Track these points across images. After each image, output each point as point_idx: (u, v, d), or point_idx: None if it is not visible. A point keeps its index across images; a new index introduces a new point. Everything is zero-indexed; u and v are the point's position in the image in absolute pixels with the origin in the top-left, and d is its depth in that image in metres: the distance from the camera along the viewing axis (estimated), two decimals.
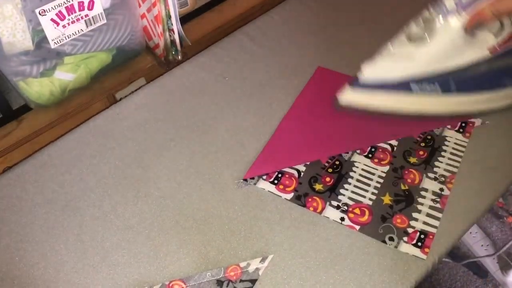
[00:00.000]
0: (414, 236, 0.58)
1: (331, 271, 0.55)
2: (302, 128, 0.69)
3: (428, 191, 0.62)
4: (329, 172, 0.64)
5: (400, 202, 0.61)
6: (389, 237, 0.58)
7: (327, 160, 0.65)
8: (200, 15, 0.86)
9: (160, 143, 0.69)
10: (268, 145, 0.67)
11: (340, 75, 0.76)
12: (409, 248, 0.57)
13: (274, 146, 0.67)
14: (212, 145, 0.68)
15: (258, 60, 0.79)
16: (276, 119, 0.71)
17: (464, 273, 1.25)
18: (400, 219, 0.59)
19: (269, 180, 0.64)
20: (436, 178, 0.63)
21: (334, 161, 0.65)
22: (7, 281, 0.56)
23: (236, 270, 0.55)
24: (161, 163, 0.66)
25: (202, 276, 0.55)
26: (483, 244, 1.25)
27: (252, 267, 0.56)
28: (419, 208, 0.60)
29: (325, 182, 0.63)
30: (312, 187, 0.63)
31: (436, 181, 0.62)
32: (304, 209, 0.61)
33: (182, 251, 0.58)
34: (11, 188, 0.65)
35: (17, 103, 0.72)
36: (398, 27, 0.83)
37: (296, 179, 0.64)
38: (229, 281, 0.55)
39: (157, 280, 0.56)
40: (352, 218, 0.60)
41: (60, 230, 0.60)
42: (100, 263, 0.57)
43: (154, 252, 0.58)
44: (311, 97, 0.73)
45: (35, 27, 0.61)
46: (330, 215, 0.60)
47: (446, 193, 0.61)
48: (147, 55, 0.79)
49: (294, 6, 0.88)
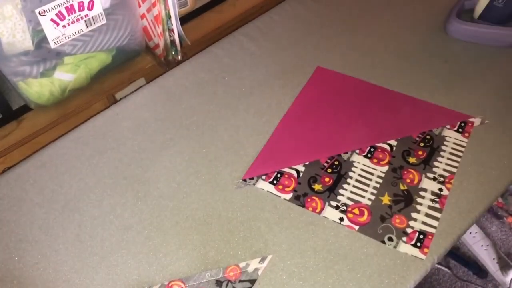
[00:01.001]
0: (413, 236, 0.58)
1: (330, 271, 0.55)
2: (301, 128, 0.69)
3: (427, 191, 0.62)
4: (328, 172, 0.64)
5: (399, 202, 0.61)
6: (388, 237, 0.58)
7: (326, 160, 0.65)
8: (200, 15, 0.86)
9: (160, 143, 0.69)
10: (267, 145, 0.67)
11: (340, 75, 0.76)
12: (408, 248, 0.57)
13: (273, 146, 0.67)
14: (211, 145, 0.68)
15: (257, 60, 0.79)
16: (276, 119, 0.71)
17: (464, 273, 1.25)
18: (399, 219, 0.59)
19: (268, 180, 0.64)
20: (435, 178, 0.63)
21: (333, 161, 0.65)
22: (7, 281, 0.56)
23: (235, 270, 0.55)
24: (160, 163, 0.67)
25: (202, 276, 0.55)
26: (483, 244, 1.25)
27: (251, 267, 0.56)
28: (418, 208, 0.60)
29: (324, 182, 0.63)
30: (311, 187, 0.63)
31: (435, 181, 0.62)
32: (303, 209, 0.61)
33: (182, 251, 0.58)
34: (11, 188, 0.65)
35: (17, 103, 0.72)
36: (398, 27, 0.83)
37: (295, 179, 0.64)
38: (228, 281, 0.55)
39: (157, 280, 0.56)
40: (351, 218, 0.60)
41: (59, 230, 0.61)
42: (100, 263, 0.57)
43: (154, 252, 0.58)
44: (311, 97, 0.73)
45: (35, 27, 0.61)
46: (329, 215, 0.60)
47: (445, 193, 0.61)
48: (147, 55, 0.79)
49: (294, 6, 0.88)
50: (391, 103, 0.71)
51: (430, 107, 0.70)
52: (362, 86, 0.74)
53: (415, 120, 0.69)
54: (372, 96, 0.73)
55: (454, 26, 0.78)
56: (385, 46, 0.80)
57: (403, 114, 0.70)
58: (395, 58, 0.78)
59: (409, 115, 0.69)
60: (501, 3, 0.75)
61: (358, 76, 0.75)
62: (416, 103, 0.71)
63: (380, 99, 0.72)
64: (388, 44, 0.80)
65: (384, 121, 0.69)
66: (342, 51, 0.80)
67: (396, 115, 0.70)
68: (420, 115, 0.69)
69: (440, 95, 0.71)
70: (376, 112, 0.70)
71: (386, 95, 0.72)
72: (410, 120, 0.69)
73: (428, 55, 0.77)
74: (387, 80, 0.74)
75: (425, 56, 0.77)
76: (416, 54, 0.78)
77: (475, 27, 0.77)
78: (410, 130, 0.68)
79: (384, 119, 0.69)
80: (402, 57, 0.78)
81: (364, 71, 0.76)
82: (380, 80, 0.74)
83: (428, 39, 0.80)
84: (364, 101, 0.72)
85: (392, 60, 0.77)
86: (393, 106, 0.71)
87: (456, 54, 0.77)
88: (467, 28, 0.77)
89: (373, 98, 0.72)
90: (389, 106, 0.71)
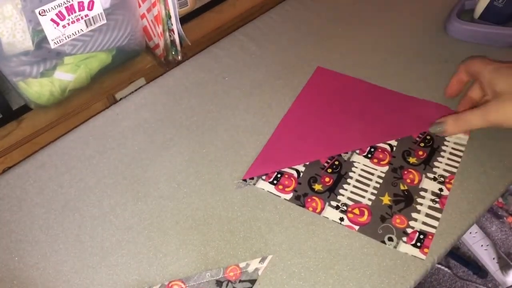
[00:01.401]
0: (413, 236, 0.58)
1: (330, 271, 0.55)
2: (301, 128, 0.69)
3: (427, 191, 0.62)
4: (329, 172, 0.64)
5: (400, 202, 0.61)
6: (388, 237, 0.58)
7: (326, 160, 0.65)
8: (200, 15, 0.86)
9: (160, 143, 0.69)
10: (267, 145, 0.67)
11: (340, 75, 0.76)
12: (408, 249, 0.57)
13: (273, 146, 0.67)
14: (211, 145, 0.68)
15: (257, 60, 0.79)
16: (276, 119, 0.71)
17: (464, 273, 1.25)
18: (399, 219, 0.59)
19: (268, 180, 0.64)
20: (436, 178, 0.63)
21: (334, 161, 0.65)
22: (6, 281, 0.56)
23: (236, 270, 0.55)
24: (160, 163, 0.67)
25: (202, 276, 0.55)
26: (483, 244, 1.25)
27: (252, 267, 0.56)
28: (418, 209, 0.60)
29: (325, 182, 0.63)
30: (311, 187, 0.63)
31: (436, 181, 0.62)
32: (304, 209, 0.61)
33: (182, 251, 0.58)
34: (11, 188, 0.65)
35: (17, 103, 0.72)
36: (398, 27, 0.83)
37: (296, 179, 0.64)
38: (229, 282, 0.55)
39: (157, 281, 0.56)
40: (352, 218, 0.60)
41: (59, 230, 0.61)
42: (100, 263, 0.57)
43: (154, 253, 0.58)
44: (311, 97, 0.73)
45: (35, 27, 0.61)
46: (330, 215, 0.60)
47: (446, 193, 0.61)
48: (147, 55, 0.79)
49: (294, 6, 0.88)
50: (391, 103, 0.71)
51: (431, 107, 0.70)
52: (362, 86, 0.74)
53: (415, 120, 0.68)
54: (372, 96, 0.73)
55: (454, 26, 0.78)
56: (385, 46, 0.80)
57: (404, 114, 0.70)
58: (395, 58, 0.78)
59: (409, 115, 0.69)
60: (501, 3, 0.75)
61: (358, 76, 0.75)
62: (416, 103, 0.71)
63: (380, 99, 0.72)
64: (388, 44, 0.80)
65: (384, 121, 0.69)
66: (342, 51, 0.80)
67: (397, 115, 0.70)
68: (420, 115, 0.69)
69: (440, 95, 0.71)
70: (376, 112, 0.70)
71: (386, 95, 0.72)
72: (410, 120, 0.69)
73: (428, 55, 0.77)
74: (387, 80, 0.74)
75: (425, 56, 0.77)
76: (416, 54, 0.78)
77: (475, 27, 0.77)
78: (410, 130, 0.68)
79: (384, 119, 0.69)
80: (402, 57, 0.78)
81: (364, 71, 0.76)
82: (380, 80, 0.74)
83: (428, 39, 0.80)
84: (365, 101, 0.72)
85: (392, 60, 0.77)
86: (393, 106, 0.71)
87: (456, 54, 0.77)
88: (467, 28, 0.77)
89: (374, 98, 0.72)
90: (389, 106, 0.71)
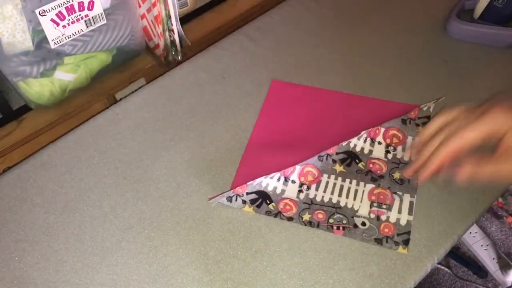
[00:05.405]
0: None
1: (330, 271, 0.55)
2: (270, 142, 0.68)
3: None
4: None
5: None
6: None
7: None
8: (200, 15, 0.86)
9: (160, 143, 0.69)
10: (241, 164, 0.65)
11: (297, 86, 0.75)
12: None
13: (248, 163, 0.65)
14: (211, 145, 0.68)
15: (257, 60, 0.79)
16: None
17: (464, 273, 1.25)
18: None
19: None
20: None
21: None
22: (7, 281, 0.56)
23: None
24: (160, 163, 0.67)
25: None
26: (483, 244, 1.25)
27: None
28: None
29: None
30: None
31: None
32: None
33: (182, 251, 0.58)
34: (11, 188, 0.65)
35: (17, 103, 0.72)
36: (398, 27, 0.83)
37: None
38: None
39: (157, 281, 0.56)
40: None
41: (59, 230, 0.61)
42: (100, 263, 0.57)
43: (154, 253, 0.58)
44: (271, 112, 0.72)
45: (35, 27, 0.61)
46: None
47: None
48: (147, 56, 0.79)
49: (294, 6, 0.88)
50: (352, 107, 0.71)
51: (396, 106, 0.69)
52: (321, 94, 0.73)
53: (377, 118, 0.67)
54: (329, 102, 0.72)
55: (454, 26, 0.78)
56: (385, 46, 0.80)
57: (366, 114, 0.69)
58: (395, 58, 0.78)
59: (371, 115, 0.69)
60: (501, 3, 0.75)
61: (358, 76, 0.75)
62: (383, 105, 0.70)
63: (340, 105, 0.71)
64: (388, 44, 0.80)
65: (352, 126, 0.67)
66: (342, 51, 0.80)
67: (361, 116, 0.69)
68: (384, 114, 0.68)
69: (440, 95, 0.71)
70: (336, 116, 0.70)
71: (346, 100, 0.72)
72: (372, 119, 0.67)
73: (428, 55, 0.77)
74: (387, 79, 0.74)
75: (425, 56, 0.77)
76: (416, 54, 0.78)
77: (475, 27, 0.77)
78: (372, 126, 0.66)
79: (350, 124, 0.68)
80: (402, 57, 0.78)
81: (364, 71, 0.76)
82: (380, 80, 0.74)
83: (428, 39, 0.80)
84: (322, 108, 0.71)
85: (392, 60, 0.77)
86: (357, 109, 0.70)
87: (456, 54, 0.77)
88: (467, 28, 0.77)
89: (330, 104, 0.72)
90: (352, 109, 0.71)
